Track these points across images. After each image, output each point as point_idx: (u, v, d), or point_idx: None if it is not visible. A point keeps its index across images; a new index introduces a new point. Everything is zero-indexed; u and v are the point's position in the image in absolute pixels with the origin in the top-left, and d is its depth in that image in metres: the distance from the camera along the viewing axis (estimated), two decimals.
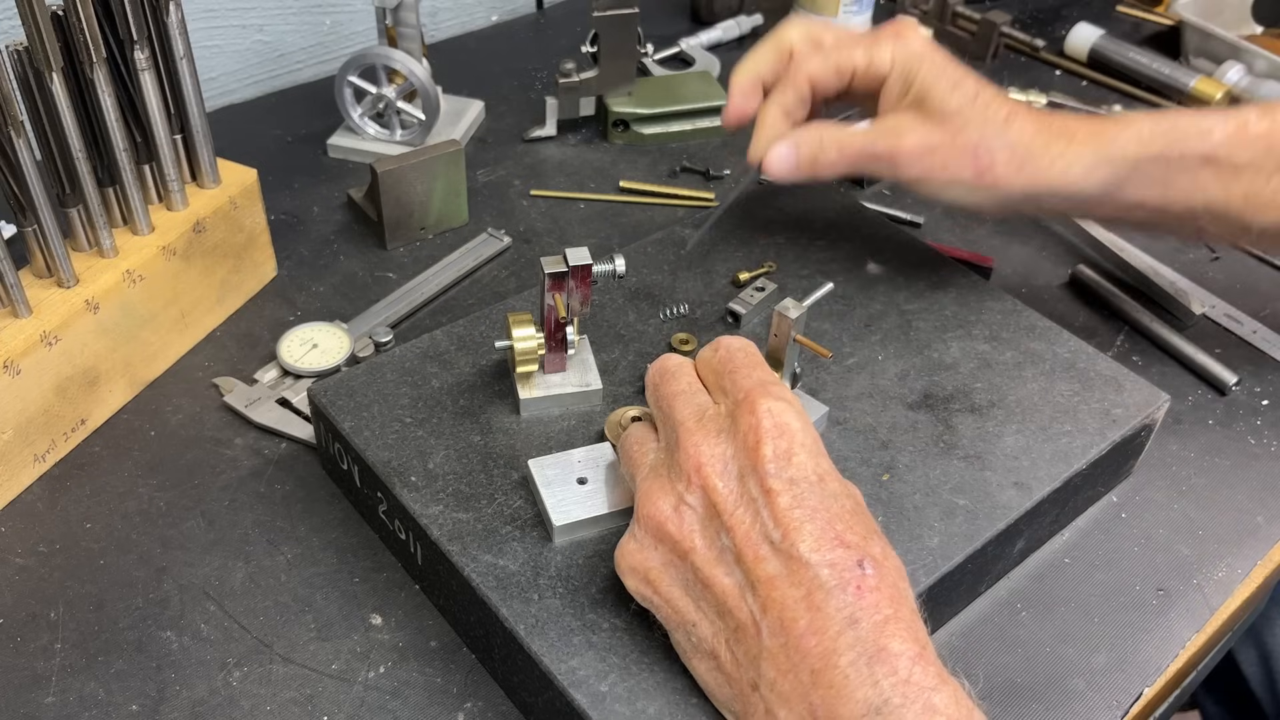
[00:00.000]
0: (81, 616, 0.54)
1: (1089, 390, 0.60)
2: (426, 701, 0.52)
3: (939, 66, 0.59)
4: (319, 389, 0.58)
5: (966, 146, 0.58)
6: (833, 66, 0.61)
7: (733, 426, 0.44)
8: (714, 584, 0.42)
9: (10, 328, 0.58)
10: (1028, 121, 0.59)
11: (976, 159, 0.58)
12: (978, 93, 0.59)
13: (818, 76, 0.62)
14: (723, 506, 0.43)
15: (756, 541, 0.42)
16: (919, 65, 0.59)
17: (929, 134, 0.59)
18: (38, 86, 0.56)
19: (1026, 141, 0.58)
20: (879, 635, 0.39)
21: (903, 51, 0.60)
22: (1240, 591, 0.59)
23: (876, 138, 0.60)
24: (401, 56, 0.82)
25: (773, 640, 0.40)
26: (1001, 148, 0.58)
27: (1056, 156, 0.58)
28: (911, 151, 0.59)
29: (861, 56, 0.61)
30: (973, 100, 0.58)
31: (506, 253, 0.79)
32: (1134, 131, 0.58)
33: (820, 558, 0.40)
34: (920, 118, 0.59)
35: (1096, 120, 0.60)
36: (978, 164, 0.58)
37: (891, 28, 0.62)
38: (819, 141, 0.61)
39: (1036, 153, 0.58)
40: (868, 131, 0.61)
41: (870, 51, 0.61)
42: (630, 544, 0.46)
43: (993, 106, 0.58)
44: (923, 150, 0.59)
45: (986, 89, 0.59)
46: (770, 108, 0.63)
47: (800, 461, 0.43)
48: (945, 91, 0.58)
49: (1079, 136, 0.58)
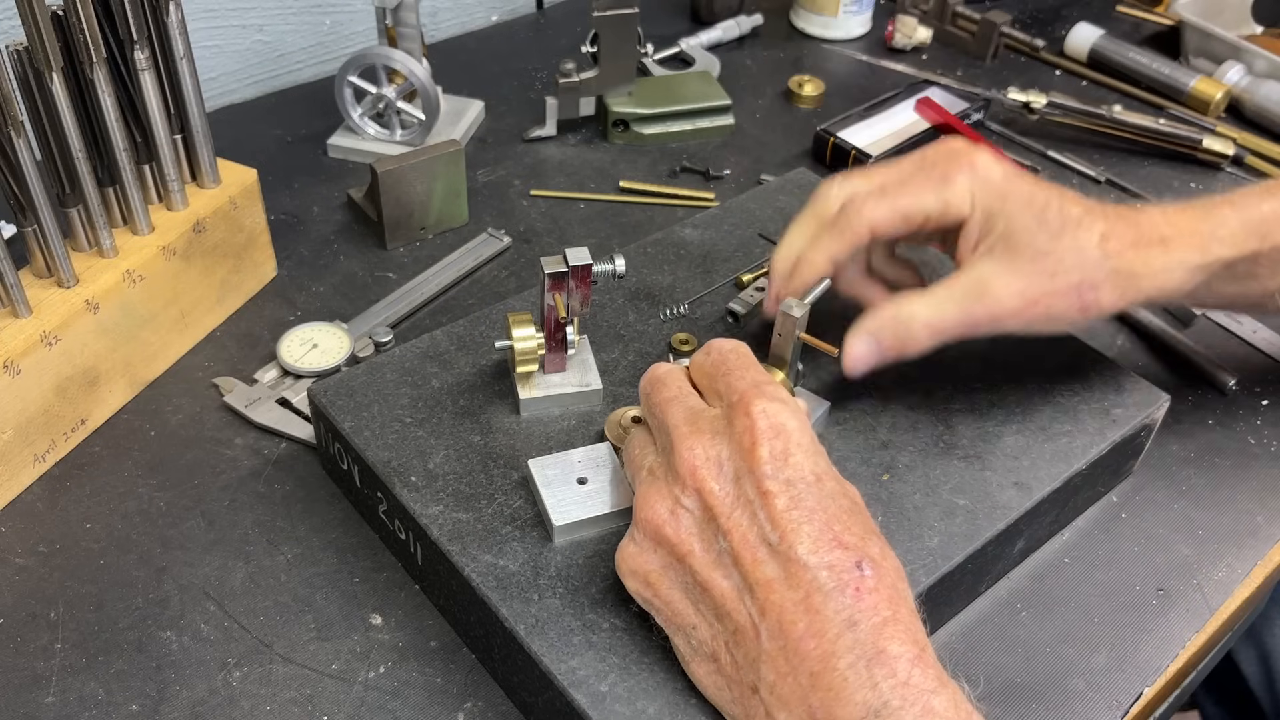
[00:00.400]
0: (81, 616, 0.54)
1: (1089, 390, 0.60)
2: (426, 701, 0.52)
3: (1021, 198, 0.53)
4: (319, 389, 0.58)
5: (1069, 289, 0.52)
6: (900, 213, 0.54)
7: (728, 428, 0.44)
8: (712, 587, 0.42)
9: (10, 328, 0.58)
10: (1122, 240, 0.53)
11: (1081, 297, 0.52)
12: (1063, 219, 0.52)
13: (881, 223, 0.54)
14: (719, 509, 0.43)
15: (754, 544, 0.42)
16: (1002, 203, 0.53)
17: (1027, 284, 0.52)
18: (38, 86, 0.56)
19: (1126, 264, 0.53)
20: (878, 637, 0.39)
21: (982, 188, 0.53)
22: (1240, 591, 0.59)
23: (971, 304, 0.52)
24: (401, 56, 0.82)
25: (771, 643, 0.40)
26: (1104, 279, 0.52)
27: (1158, 271, 0.53)
28: (1013, 310, 0.52)
29: (933, 201, 0.53)
30: (1060, 232, 0.52)
31: (506, 253, 0.79)
32: (1227, 231, 0.54)
33: (818, 560, 0.40)
34: (1010, 263, 0.52)
35: (1187, 216, 0.54)
36: (1083, 301, 0.52)
37: (959, 157, 0.54)
38: (903, 329, 0.53)
39: (1138, 271, 0.53)
40: (956, 297, 0.53)
41: (943, 193, 0.53)
42: (630, 547, 0.46)
43: (1082, 231, 0.52)
44: (1025, 304, 0.52)
45: (1068, 205, 0.53)
46: (816, 255, 0.55)
47: (797, 462, 0.43)
48: (1033, 228, 0.52)
49: (1174, 242, 0.53)
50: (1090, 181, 0.90)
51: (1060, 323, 0.53)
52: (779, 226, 0.72)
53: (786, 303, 0.54)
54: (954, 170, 0.54)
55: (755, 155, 0.91)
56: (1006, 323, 0.53)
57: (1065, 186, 0.55)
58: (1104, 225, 0.53)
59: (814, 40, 1.09)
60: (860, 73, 1.04)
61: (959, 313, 0.53)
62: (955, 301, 0.53)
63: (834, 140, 0.88)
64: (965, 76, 1.03)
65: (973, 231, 0.54)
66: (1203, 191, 0.89)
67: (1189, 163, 0.92)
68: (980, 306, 0.52)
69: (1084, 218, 0.53)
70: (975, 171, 0.53)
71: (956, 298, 0.53)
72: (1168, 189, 0.89)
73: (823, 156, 0.89)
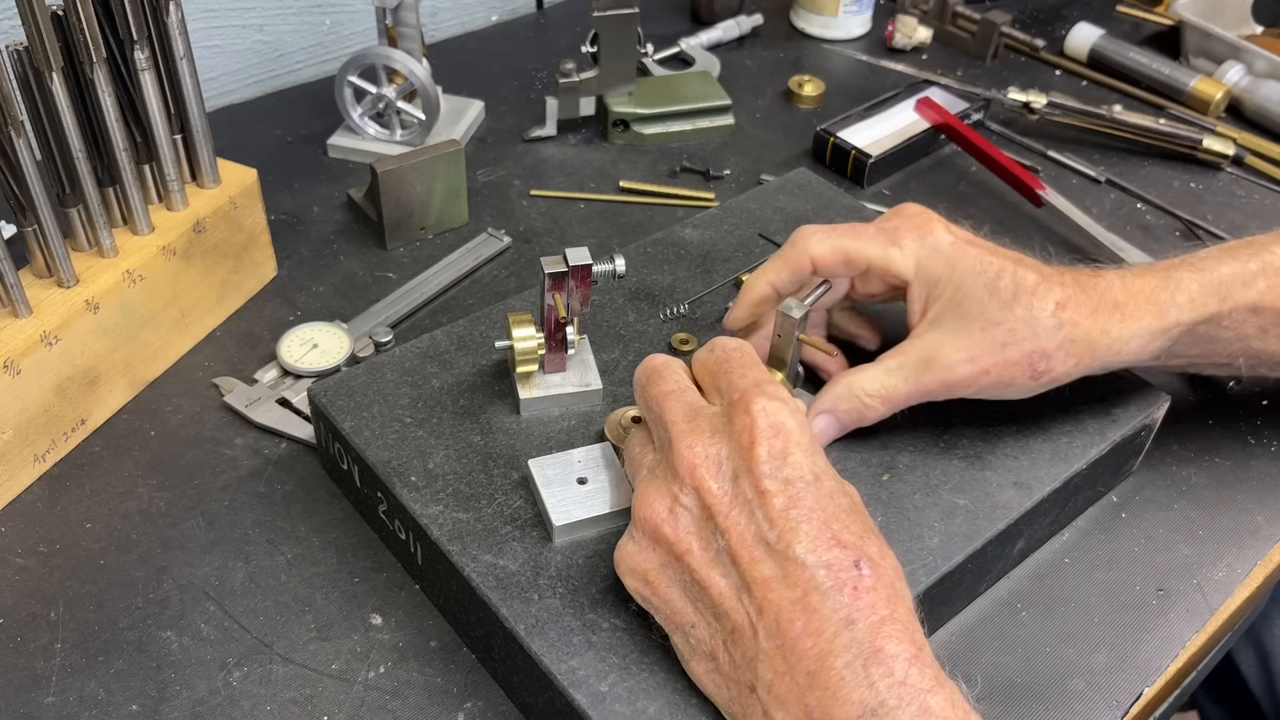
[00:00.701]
0: (81, 616, 0.54)
1: (1089, 390, 0.60)
2: (426, 701, 0.52)
3: (972, 267, 0.53)
4: (319, 389, 0.58)
5: (1021, 358, 0.52)
6: (841, 252, 0.55)
7: (727, 426, 0.44)
8: (710, 586, 0.42)
9: (10, 328, 0.58)
10: (1079, 308, 0.53)
11: (1033, 366, 0.52)
12: (1017, 287, 0.52)
13: (821, 258, 0.55)
14: (717, 508, 0.43)
15: (751, 543, 0.42)
16: (951, 271, 0.53)
17: (977, 353, 0.52)
18: (38, 86, 0.56)
19: (1082, 333, 0.52)
20: (875, 636, 0.39)
21: (928, 255, 0.54)
22: (1240, 591, 0.59)
23: (920, 373, 0.53)
24: (401, 56, 0.82)
25: (769, 642, 0.40)
26: (1057, 349, 0.52)
27: (1114, 339, 0.53)
28: (964, 379, 0.53)
29: (877, 252, 0.54)
30: (1013, 302, 0.52)
31: (506, 253, 0.79)
32: (1186, 296, 0.54)
33: (816, 558, 0.40)
34: (960, 332, 0.53)
35: (1145, 281, 0.54)
36: (1034, 370, 0.53)
37: (913, 220, 0.55)
38: (858, 401, 0.54)
39: (1094, 339, 0.53)
40: (907, 367, 0.53)
41: (887, 250, 0.54)
42: (629, 545, 0.46)
43: (1037, 299, 0.52)
44: (976, 373, 0.53)
45: (1022, 271, 0.53)
46: (757, 278, 0.57)
47: (796, 461, 0.43)
48: (984, 297, 0.52)
49: (1130, 309, 0.53)
50: (1090, 181, 0.90)
51: (1014, 390, 0.54)
52: (779, 226, 0.72)
53: (786, 304, 0.54)
54: (904, 232, 0.55)
55: (755, 155, 0.91)
56: (959, 390, 0.53)
57: (1023, 253, 0.55)
58: (1060, 293, 0.53)
59: (814, 40, 1.09)
60: (860, 73, 1.04)
61: (909, 383, 0.53)
62: (905, 370, 0.54)
63: (834, 140, 0.88)
64: (965, 76, 1.03)
65: (917, 297, 0.55)
66: (1203, 191, 0.89)
67: (1189, 163, 0.92)
68: (930, 375, 0.53)
69: (1039, 285, 0.53)
70: (923, 238, 0.54)
71: (907, 367, 0.53)
72: (1168, 189, 0.89)
73: (823, 156, 0.89)
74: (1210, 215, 0.86)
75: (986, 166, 0.89)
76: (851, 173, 0.88)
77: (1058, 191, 0.85)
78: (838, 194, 0.75)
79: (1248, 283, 0.55)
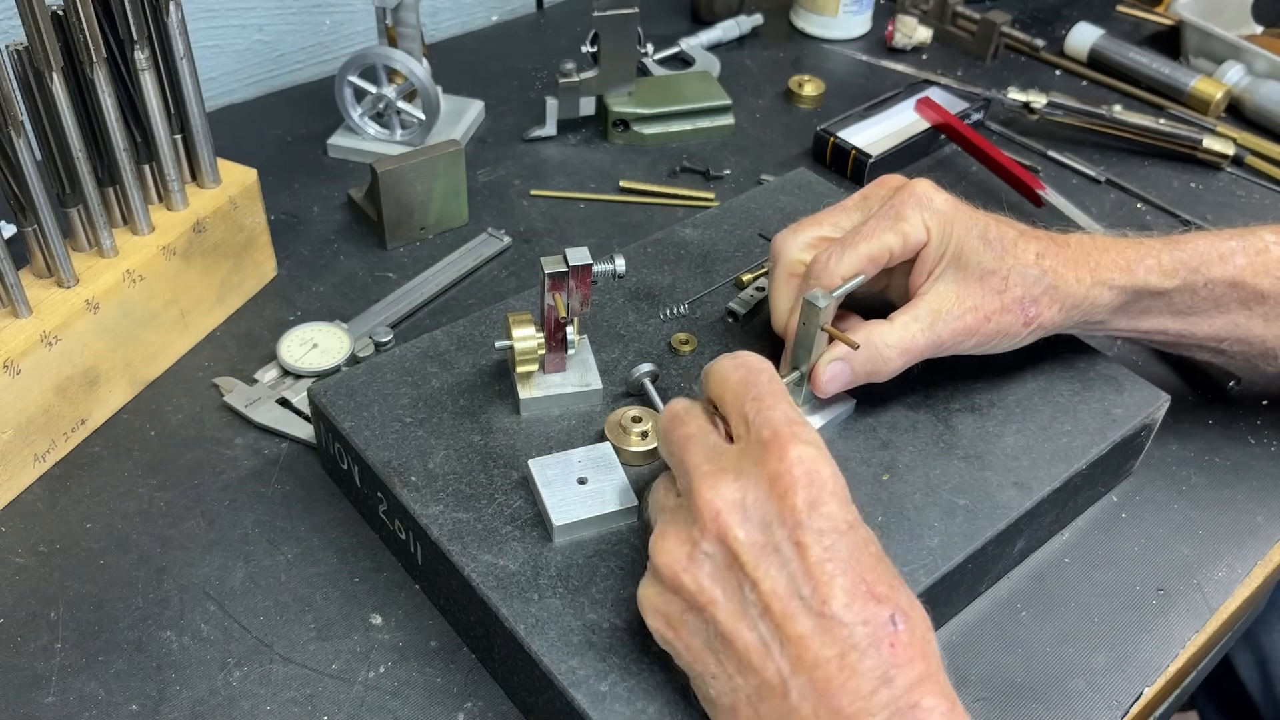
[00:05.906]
0: (81, 616, 0.54)
1: (1089, 390, 0.60)
2: (426, 701, 0.52)
3: (965, 221, 0.56)
4: (319, 389, 0.58)
5: (1014, 303, 0.56)
6: (866, 258, 0.55)
7: (755, 470, 0.42)
8: (737, 640, 0.41)
9: (10, 328, 0.58)
10: (1055, 258, 0.56)
11: (1025, 312, 0.56)
12: (1001, 239, 0.56)
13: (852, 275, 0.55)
14: (745, 558, 0.41)
15: (785, 597, 0.40)
16: (950, 227, 0.55)
17: (980, 301, 0.55)
18: (38, 86, 0.56)
19: (1061, 280, 0.56)
20: (911, 692, 0.39)
21: (933, 216, 0.55)
22: (1240, 591, 0.59)
23: (935, 324, 0.55)
24: (401, 56, 0.82)
25: (804, 702, 0.39)
26: (1042, 294, 0.56)
27: (1088, 288, 0.57)
28: (970, 327, 0.55)
29: (894, 239, 0.55)
30: (1003, 251, 0.56)
31: (506, 253, 0.79)
32: (1155, 261, 0.57)
33: (854, 616, 0.39)
34: (962, 282, 0.56)
35: (1117, 244, 0.58)
36: (1026, 316, 0.56)
37: (903, 192, 0.56)
38: (875, 353, 0.55)
39: (1071, 289, 0.56)
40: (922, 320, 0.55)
41: (900, 228, 0.55)
42: (650, 589, 0.44)
43: (1019, 250, 0.56)
44: (980, 320, 0.56)
45: (1004, 227, 0.56)
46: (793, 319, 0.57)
47: (830, 511, 0.41)
48: (979, 248, 0.55)
49: (1102, 264, 0.57)
50: (1090, 181, 0.90)
51: (1009, 339, 0.57)
52: (779, 226, 0.71)
53: (812, 293, 0.53)
54: (903, 205, 0.56)
55: (755, 155, 0.91)
56: (965, 340, 0.56)
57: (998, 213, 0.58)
58: (1038, 245, 0.56)
59: (814, 40, 1.09)
60: (860, 73, 1.04)
61: (925, 335, 0.55)
62: (920, 324, 0.55)
63: (834, 140, 0.88)
64: (965, 76, 1.03)
65: (930, 257, 0.56)
66: (1203, 191, 0.89)
67: (1189, 163, 0.92)
68: (944, 326, 0.55)
69: (1019, 239, 0.56)
70: (922, 201, 0.56)
71: (921, 319, 0.55)
72: (1168, 189, 0.89)
73: (823, 156, 0.89)
74: (1210, 215, 0.86)
75: (986, 166, 0.89)
76: (851, 173, 0.88)
77: (1058, 191, 0.85)
78: (838, 194, 0.75)
79: (1225, 258, 0.58)
